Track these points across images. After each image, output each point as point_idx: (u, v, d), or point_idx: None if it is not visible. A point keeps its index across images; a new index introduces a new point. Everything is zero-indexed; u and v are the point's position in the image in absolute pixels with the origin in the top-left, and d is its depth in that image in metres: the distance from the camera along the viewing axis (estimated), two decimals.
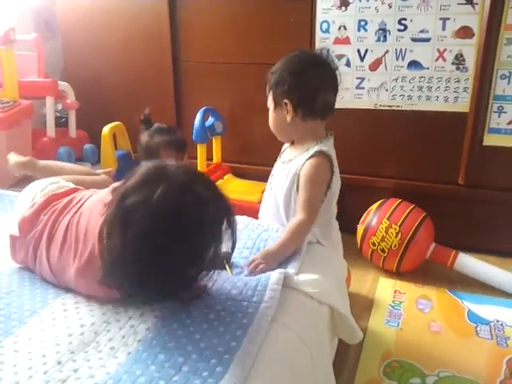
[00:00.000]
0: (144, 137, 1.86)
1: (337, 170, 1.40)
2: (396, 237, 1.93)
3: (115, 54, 2.59)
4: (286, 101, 1.36)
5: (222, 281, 1.12)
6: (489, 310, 1.77)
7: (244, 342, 0.90)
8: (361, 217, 2.12)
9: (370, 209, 2.07)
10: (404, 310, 1.77)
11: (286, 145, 1.52)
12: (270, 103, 1.42)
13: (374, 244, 1.98)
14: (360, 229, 2.06)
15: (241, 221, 1.45)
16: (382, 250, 1.96)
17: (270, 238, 1.33)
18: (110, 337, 0.94)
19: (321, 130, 1.42)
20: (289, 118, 1.37)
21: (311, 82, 1.35)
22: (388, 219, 1.97)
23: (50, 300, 1.05)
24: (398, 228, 1.94)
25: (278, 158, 1.51)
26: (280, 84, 1.36)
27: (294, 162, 1.39)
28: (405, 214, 1.97)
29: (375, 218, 2.01)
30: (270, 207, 1.48)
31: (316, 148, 1.36)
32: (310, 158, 1.34)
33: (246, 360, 0.85)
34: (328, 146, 1.39)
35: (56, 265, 1.10)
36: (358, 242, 2.07)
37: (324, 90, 1.37)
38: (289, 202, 1.40)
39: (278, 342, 0.93)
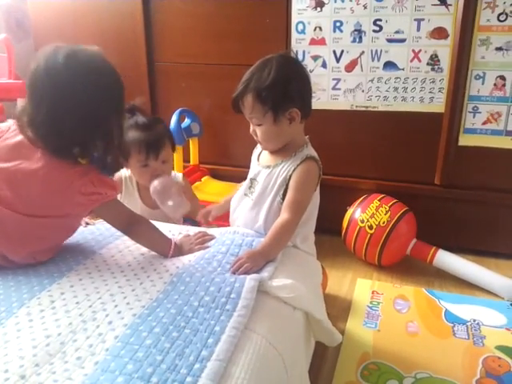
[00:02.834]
0: None
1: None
2: (386, 214, 1.99)
3: None
4: (292, 110, 1.29)
5: (194, 285, 1.10)
6: (466, 309, 1.78)
7: (215, 350, 0.87)
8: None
9: (357, 201, 2.13)
10: (382, 310, 1.77)
11: (260, 147, 1.49)
12: (266, 119, 1.30)
13: (362, 221, 2.03)
14: (349, 211, 2.11)
15: (216, 230, 1.44)
16: (370, 227, 2.00)
17: (244, 243, 1.31)
18: (77, 346, 0.91)
19: (303, 132, 1.41)
20: (294, 125, 1.32)
21: (306, 82, 1.34)
22: (379, 201, 2.05)
23: (15, 309, 1.01)
24: (388, 207, 2.02)
25: (257, 162, 1.45)
26: (283, 96, 1.28)
27: (282, 167, 1.35)
28: (393, 201, 2.06)
29: (365, 201, 2.09)
30: (246, 213, 1.43)
31: (305, 152, 1.35)
32: (301, 162, 1.32)
33: (217, 369, 0.83)
34: (313, 150, 1.38)
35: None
36: (345, 224, 2.11)
37: (310, 86, 1.37)
38: (272, 208, 1.36)
39: (250, 349, 0.91)
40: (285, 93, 1.28)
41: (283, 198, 1.33)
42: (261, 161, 1.44)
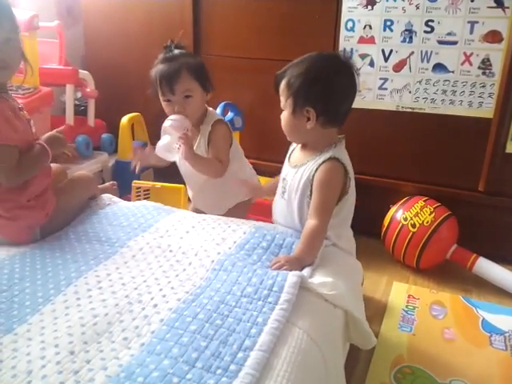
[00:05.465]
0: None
1: (352, 174, 1.36)
2: (430, 214, 1.98)
3: (137, 44, 2.58)
4: (309, 108, 1.28)
5: (237, 274, 1.11)
6: (504, 320, 1.74)
7: (258, 340, 0.88)
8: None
9: (401, 200, 2.12)
10: (417, 315, 1.75)
11: (294, 145, 1.48)
12: (287, 106, 1.33)
13: (405, 219, 2.02)
14: (392, 209, 2.10)
15: (256, 223, 1.45)
16: (413, 225, 1.99)
17: (284, 244, 1.31)
18: (124, 327, 0.93)
19: (335, 134, 1.38)
20: (309, 126, 1.31)
21: (337, 91, 1.29)
22: (424, 202, 2.04)
23: (63, 287, 1.05)
24: (432, 209, 2.00)
25: (287, 161, 1.46)
26: (303, 91, 1.28)
27: (306, 167, 1.35)
28: (437, 204, 2.04)
29: (410, 201, 2.07)
30: (284, 214, 1.44)
31: (329, 153, 1.33)
32: (322, 163, 1.31)
33: (260, 359, 0.84)
34: (341, 151, 1.36)
35: None
36: (386, 222, 2.09)
37: (347, 99, 1.33)
38: (302, 208, 1.36)
39: (292, 343, 0.91)
40: (306, 90, 1.28)
41: (311, 198, 1.33)
42: (291, 160, 1.45)
